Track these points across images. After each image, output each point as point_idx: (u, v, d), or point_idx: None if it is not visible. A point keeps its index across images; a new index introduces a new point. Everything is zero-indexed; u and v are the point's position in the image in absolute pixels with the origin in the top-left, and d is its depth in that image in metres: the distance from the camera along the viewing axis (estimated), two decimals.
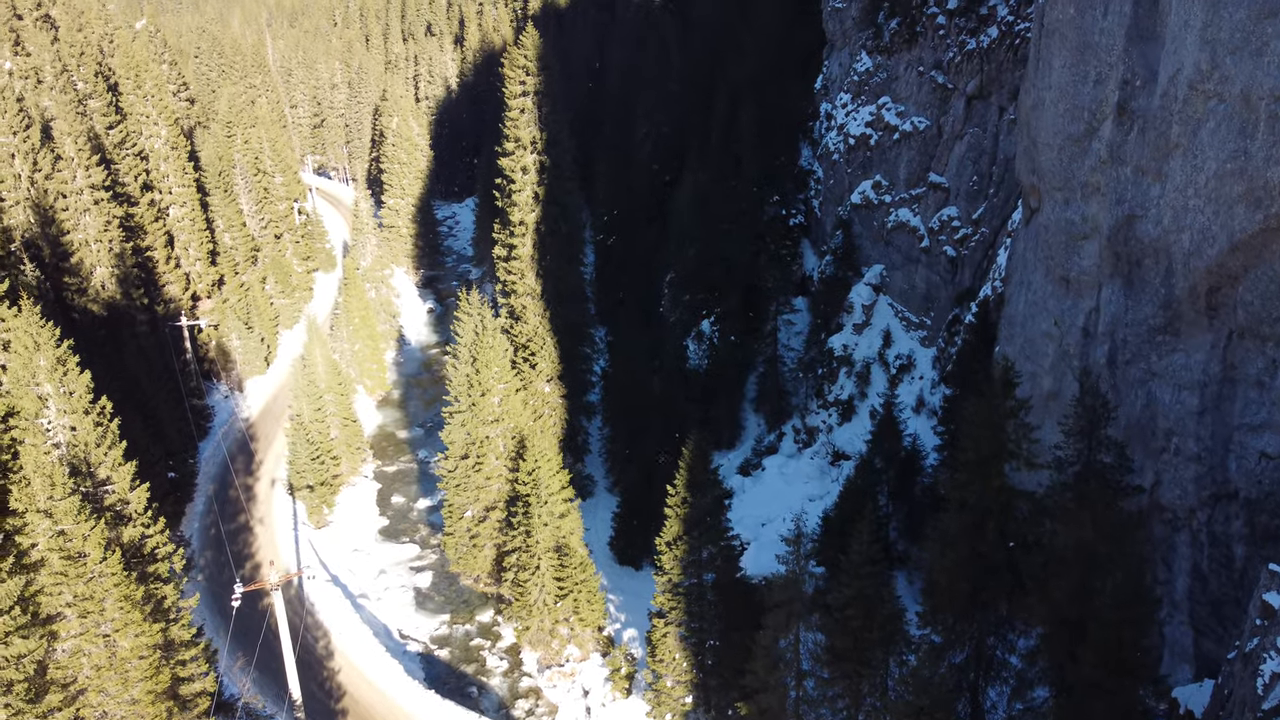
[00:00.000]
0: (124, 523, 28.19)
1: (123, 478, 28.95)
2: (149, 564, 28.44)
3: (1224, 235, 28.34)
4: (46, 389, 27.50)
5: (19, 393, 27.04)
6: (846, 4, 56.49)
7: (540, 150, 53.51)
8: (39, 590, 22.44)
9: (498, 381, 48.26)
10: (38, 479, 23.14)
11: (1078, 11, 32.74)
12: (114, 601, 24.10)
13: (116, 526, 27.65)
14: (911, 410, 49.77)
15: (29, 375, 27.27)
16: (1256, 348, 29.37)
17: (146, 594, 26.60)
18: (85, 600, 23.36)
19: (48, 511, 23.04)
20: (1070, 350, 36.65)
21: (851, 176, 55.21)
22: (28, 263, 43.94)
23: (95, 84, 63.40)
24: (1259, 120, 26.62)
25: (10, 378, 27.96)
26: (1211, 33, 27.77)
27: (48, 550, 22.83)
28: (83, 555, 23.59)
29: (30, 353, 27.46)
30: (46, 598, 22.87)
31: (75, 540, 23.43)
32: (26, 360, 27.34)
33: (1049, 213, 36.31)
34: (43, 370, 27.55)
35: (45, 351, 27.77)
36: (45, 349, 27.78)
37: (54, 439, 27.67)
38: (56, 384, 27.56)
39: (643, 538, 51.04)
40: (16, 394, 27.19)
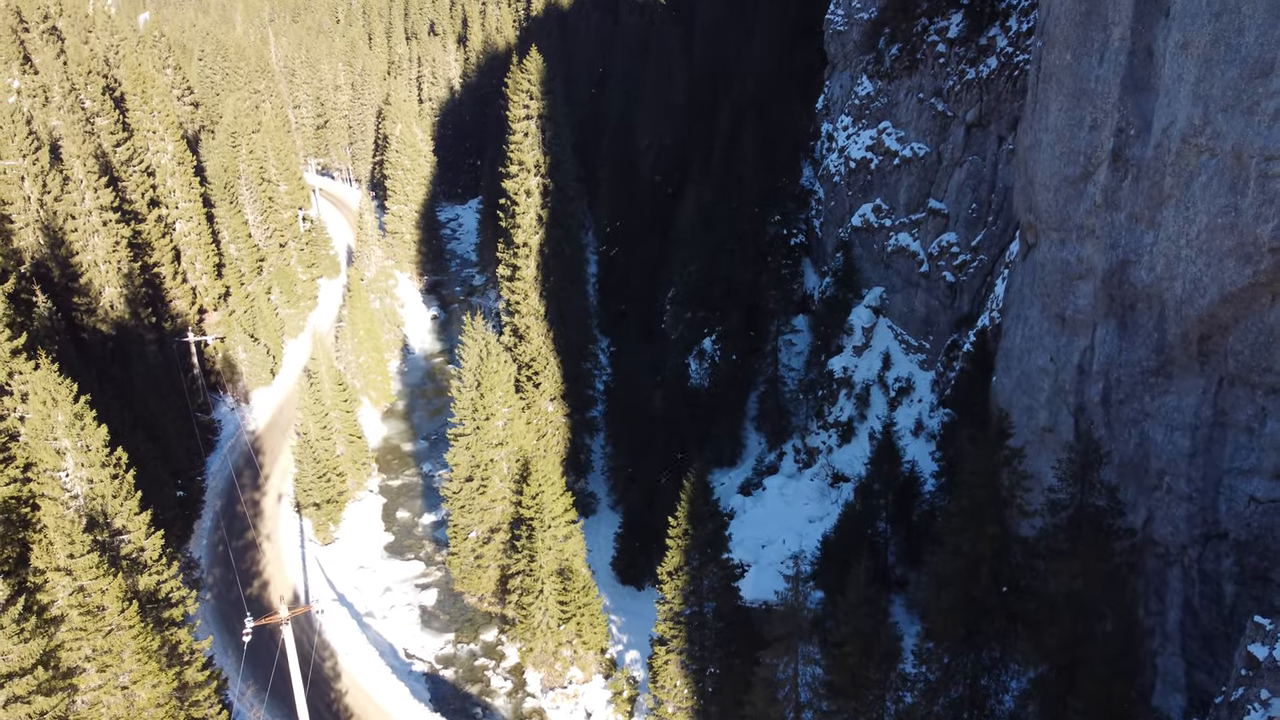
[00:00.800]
0: (140, 570, 28.91)
1: (138, 526, 29.67)
2: (164, 609, 29.18)
3: (1215, 287, 28.87)
4: (65, 443, 28.19)
5: (37, 444, 27.72)
6: (848, 27, 56.89)
7: (544, 173, 54.04)
8: (59, 645, 23.14)
9: (502, 405, 48.90)
10: (58, 537, 23.81)
11: (1074, 58, 33.20)
12: (132, 653, 24.80)
13: (133, 574, 28.36)
14: (910, 433, 50.37)
15: (47, 429, 27.95)
16: (1246, 395, 29.93)
17: (162, 640, 27.30)
18: (104, 654, 24.08)
19: (68, 570, 23.75)
20: (1066, 386, 37.17)
21: (852, 199, 55.72)
22: (39, 294, 44.54)
23: (103, 102, 63.94)
24: (1249, 178, 27.13)
25: (29, 429, 28.65)
26: (1204, 88, 28.25)
27: (68, 606, 23.53)
28: (101, 609, 24.29)
29: (49, 408, 28.15)
30: (66, 652, 23.58)
31: (94, 595, 24.13)
32: (45, 415, 28.01)
33: (1045, 251, 36.83)
34: (61, 425, 28.26)
35: (63, 407, 28.47)
36: (63, 404, 28.47)
37: (72, 491, 28.36)
38: (74, 438, 28.30)
39: (644, 558, 51.81)
40: (34, 445, 27.88)
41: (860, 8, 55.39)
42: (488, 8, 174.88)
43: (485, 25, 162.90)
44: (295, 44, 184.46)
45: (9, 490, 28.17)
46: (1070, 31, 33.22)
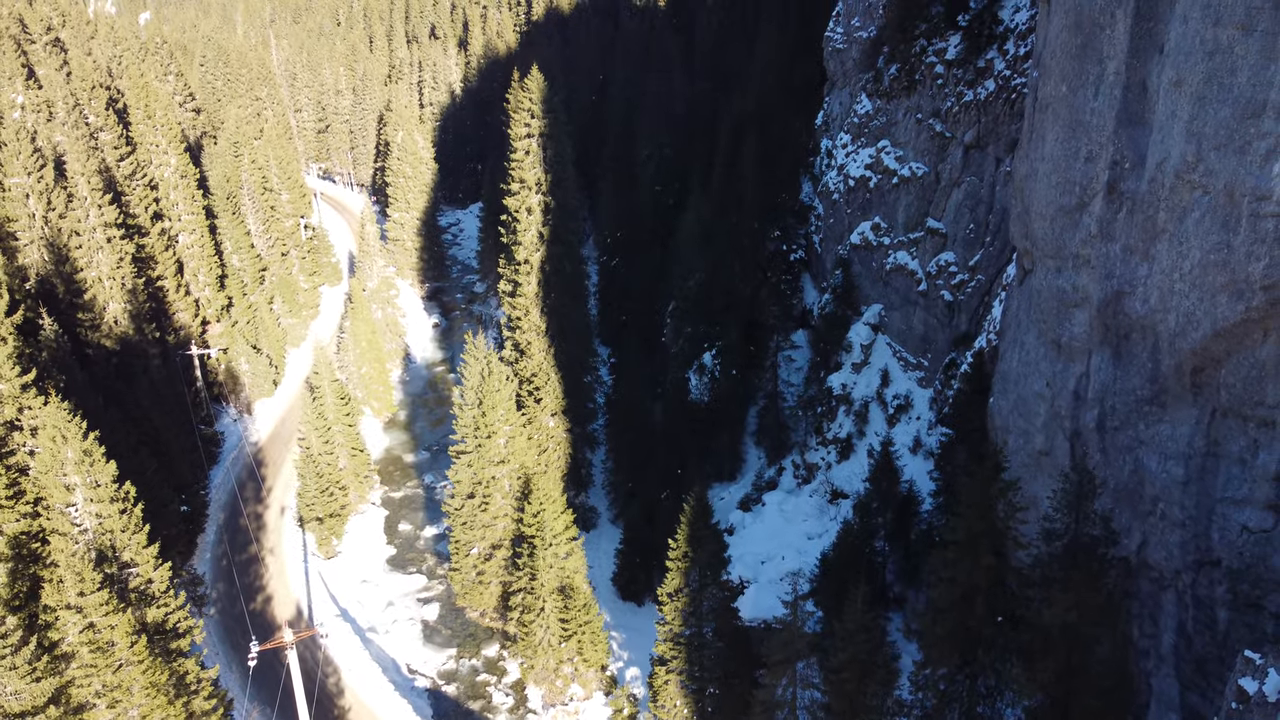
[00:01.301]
0: (148, 602, 29.37)
1: (146, 559, 30.11)
2: (171, 639, 29.64)
3: (1207, 321, 29.25)
4: (74, 479, 28.65)
5: (47, 480, 28.15)
6: (847, 45, 57.24)
7: (545, 191, 54.42)
8: (69, 682, 23.58)
9: (504, 423, 49.31)
10: (69, 575, 24.24)
11: (1070, 90, 33.54)
12: (141, 688, 25.25)
13: (141, 606, 28.82)
14: (909, 451, 50.76)
15: (57, 465, 28.40)
16: (1239, 427, 30.33)
17: (170, 672, 27.77)
18: (114, 690, 24.52)
19: (78, 607, 24.19)
20: (1061, 411, 37.53)
21: (851, 217, 56.09)
22: (45, 317, 44.97)
23: (106, 116, 64.33)
24: (1241, 216, 27.50)
25: (39, 464, 29.09)
26: (1197, 126, 28.61)
27: (78, 644, 23.96)
28: (111, 644, 24.72)
29: (59, 445, 28.61)
30: (77, 689, 24.03)
31: (104, 632, 24.58)
32: (55, 452, 28.48)
33: (1041, 278, 37.19)
34: (70, 462, 28.72)
35: (73, 443, 28.94)
36: (73, 441, 28.95)
37: (81, 525, 28.81)
38: (84, 475, 28.76)
39: (645, 574, 52.30)
40: (44, 481, 28.31)
41: (859, 27, 55.74)
42: (488, 11, 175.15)
43: (486, 29, 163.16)
44: (296, 47, 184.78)
45: (20, 526, 28.65)
46: (1066, 64, 33.54)
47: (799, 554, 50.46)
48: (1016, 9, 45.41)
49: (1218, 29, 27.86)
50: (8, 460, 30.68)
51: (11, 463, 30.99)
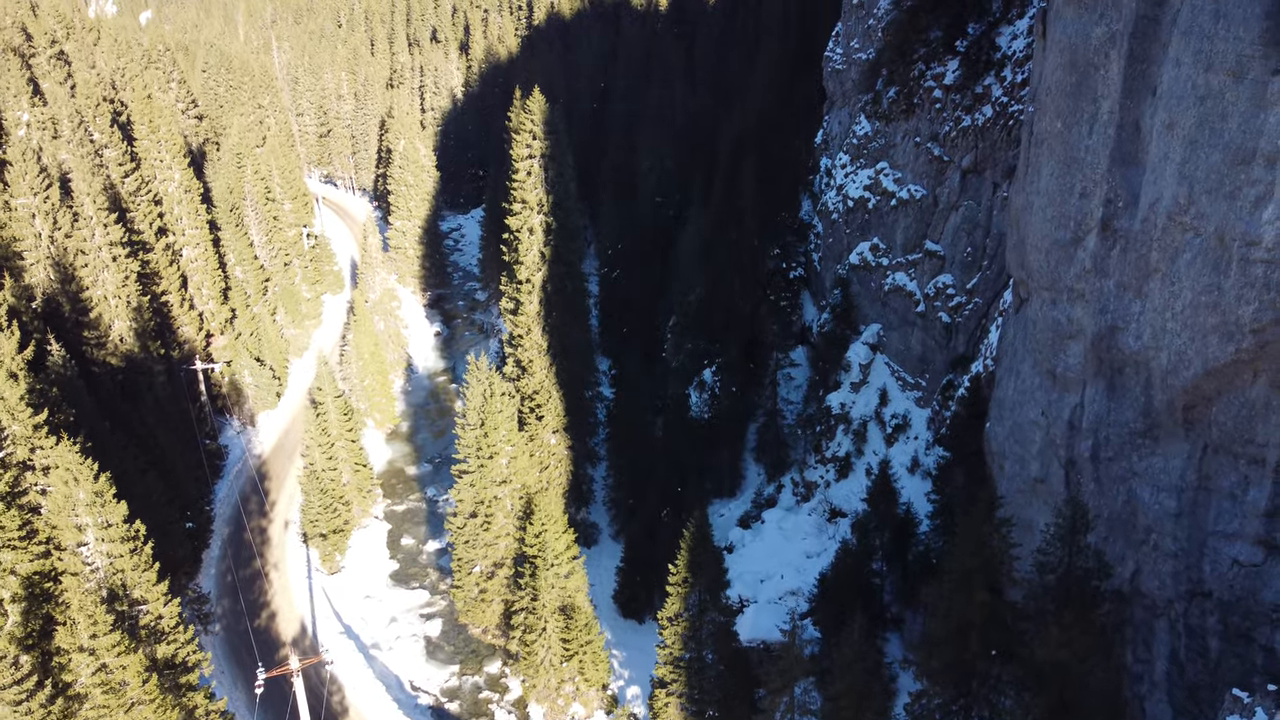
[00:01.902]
0: (158, 639, 29.92)
1: (156, 596, 30.66)
2: (181, 674, 30.21)
3: (1199, 361, 29.75)
4: (86, 520, 29.20)
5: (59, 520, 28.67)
6: (846, 67, 57.69)
7: (546, 211, 54.90)
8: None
9: (505, 443, 49.83)
10: (81, 617, 24.79)
11: (1065, 127, 34.00)
12: None
13: (151, 643, 29.37)
14: (906, 470, 51.29)
15: (69, 507, 28.95)
16: (1230, 463, 30.84)
17: (180, 707, 28.33)
18: None
19: (91, 650, 24.73)
20: (1056, 440, 38.00)
21: (850, 237, 56.56)
22: (54, 343, 45.51)
23: (111, 134, 64.81)
24: (1231, 259, 27.99)
25: (52, 505, 29.63)
26: (1189, 169, 29.09)
27: (91, 685, 24.51)
28: (124, 684, 25.27)
29: (70, 487, 29.17)
30: None
31: (116, 672, 25.11)
32: (67, 494, 29.01)
33: (1037, 308, 37.66)
34: (82, 503, 29.26)
35: (84, 485, 29.50)
36: (84, 482, 29.51)
37: (93, 565, 29.36)
38: (95, 515, 29.31)
39: (645, 592, 52.87)
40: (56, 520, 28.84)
41: (858, 48, 56.18)
42: (489, 15, 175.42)
43: (488, 33, 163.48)
44: (298, 50, 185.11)
45: (33, 566, 29.19)
46: (1061, 101, 34.01)
47: (798, 572, 50.98)
48: (1014, 36, 45.85)
49: (1209, 74, 28.33)
50: (20, 500, 31.22)
51: (24, 502, 31.54)
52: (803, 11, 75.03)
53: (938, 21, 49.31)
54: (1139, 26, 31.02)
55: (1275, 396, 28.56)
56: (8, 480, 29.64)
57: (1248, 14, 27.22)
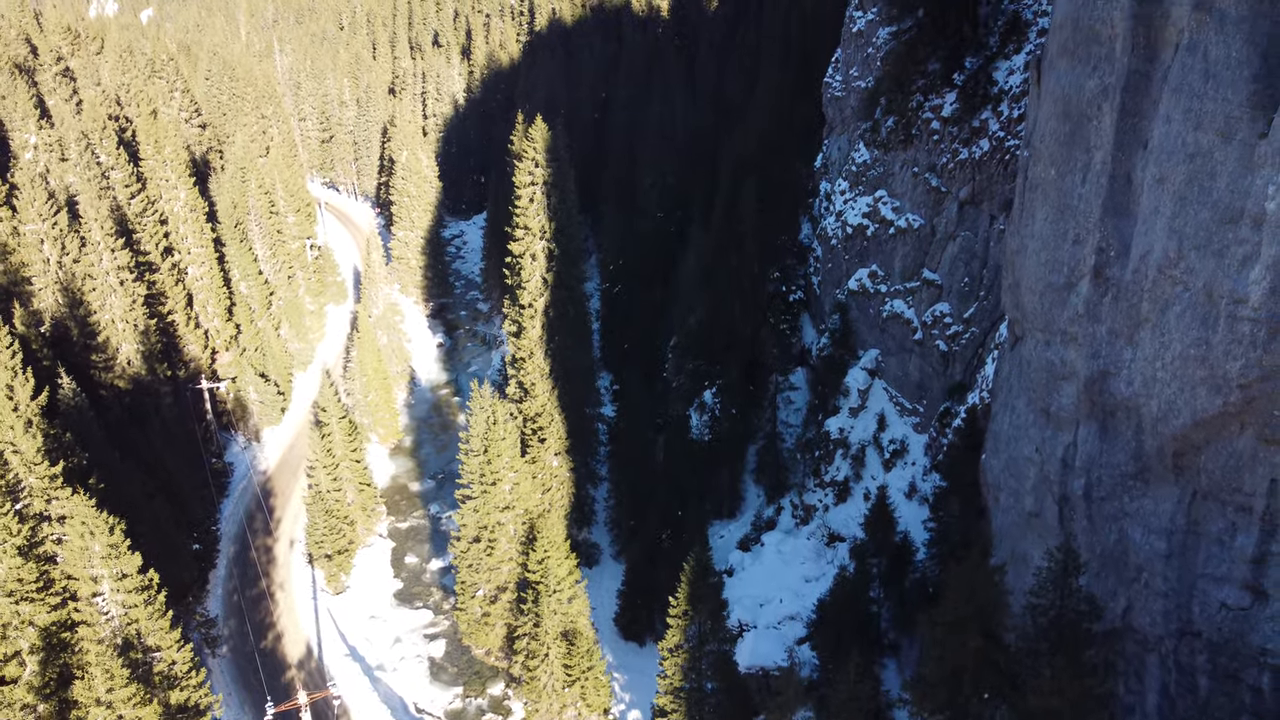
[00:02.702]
0: (172, 685, 30.66)
1: (169, 644, 31.41)
2: (194, 717, 30.95)
3: (1187, 411, 30.37)
4: (101, 572, 29.93)
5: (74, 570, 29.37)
6: (845, 94, 58.23)
7: (548, 238, 55.53)
8: None
9: (508, 470, 50.53)
10: (98, 671, 25.51)
11: (1059, 174, 34.59)
12: None
13: (165, 689, 30.10)
14: (904, 496, 51.93)
15: (85, 559, 29.68)
16: (1218, 509, 31.48)
17: None
18: None
19: (108, 703, 25.47)
20: (1050, 477, 38.60)
21: (849, 263, 57.16)
22: (64, 376, 46.22)
23: (117, 156, 65.44)
24: (1220, 315, 28.59)
25: (67, 556, 30.36)
26: (1178, 224, 29.69)
27: None
28: None
29: (86, 540, 29.90)
30: None
31: None
32: (83, 547, 29.75)
33: (1031, 348, 38.26)
34: (97, 555, 29.99)
35: (100, 538, 30.23)
36: (100, 535, 30.23)
37: (108, 614, 30.10)
38: (110, 567, 30.04)
39: (646, 614, 53.65)
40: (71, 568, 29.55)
41: (857, 76, 56.72)
42: (491, 20, 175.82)
43: (489, 39, 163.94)
44: (300, 54, 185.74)
45: (50, 617, 29.94)
46: (1055, 149, 34.59)
47: (797, 597, 51.68)
48: (1010, 71, 46.39)
49: (1199, 133, 28.93)
50: (37, 550, 31.97)
51: (40, 552, 32.28)
52: (803, 34, 75.58)
53: (935, 54, 49.82)
54: (1131, 81, 31.60)
55: (1262, 448, 29.20)
56: (25, 534, 30.39)
57: (1236, 76, 27.82)
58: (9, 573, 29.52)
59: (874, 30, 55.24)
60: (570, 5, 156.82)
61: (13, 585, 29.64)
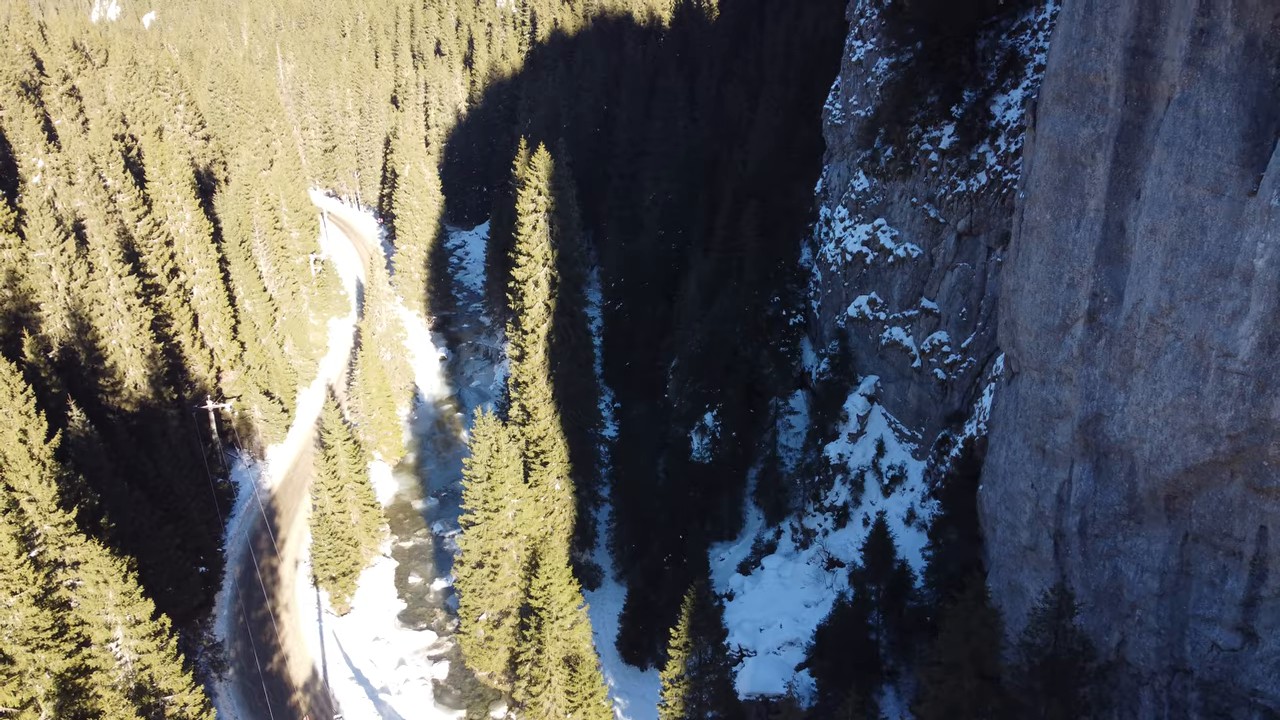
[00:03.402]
0: None
1: (181, 688, 32.03)
2: None
3: (1179, 457, 30.99)
4: (115, 619, 30.54)
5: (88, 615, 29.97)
6: (845, 122, 58.82)
7: (551, 265, 56.14)
8: None
9: (511, 496, 51.11)
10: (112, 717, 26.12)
11: (1054, 219, 35.17)
12: None
13: None
14: (902, 522, 52.54)
15: (100, 607, 30.31)
16: (1209, 552, 32.11)
17: None
18: None
19: None
20: (1046, 512, 39.20)
21: (848, 289, 57.74)
22: (75, 408, 46.87)
23: (124, 179, 66.11)
24: (1210, 367, 29.20)
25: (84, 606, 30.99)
26: (1170, 275, 30.29)
27: None
28: None
29: (101, 588, 30.53)
30: None
31: None
32: (98, 594, 30.37)
33: (1027, 386, 38.82)
34: (111, 603, 30.62)
35: (114, 586, 30.85)
36: (114, 583, 30.86)
37: (121, 660, 30.70)
38: (124, 614, 30.64)
39: (648, 638, 54.27)
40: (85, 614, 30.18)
41: (856, 105, 57.30)
42: (493, 29, 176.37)
43: (491, 49, 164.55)
44: (303, 61, 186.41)
45: (65, 664, 30.57)
46: (1050, 194, 35.17)
47: (796, 622, 52.28)
48: (1008, 106, 46.97)
49: (1189, 187, 29.54)
50: (51, 596, 32.59)
51: (54, 598, 32.89)
52: (804, 57, 76.15)
53: (933, 86, 50.40)
54: (1124, 131, 32.22)
55: (1251, 496, 29.81)
56: (41, 582, 31.05)
57: (1226, 134, 28.43)
58: (25, 620, 30.22)
59: (873, 60, 55.82)
60: (572, 16, 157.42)
61: (29, 633, 30.33)
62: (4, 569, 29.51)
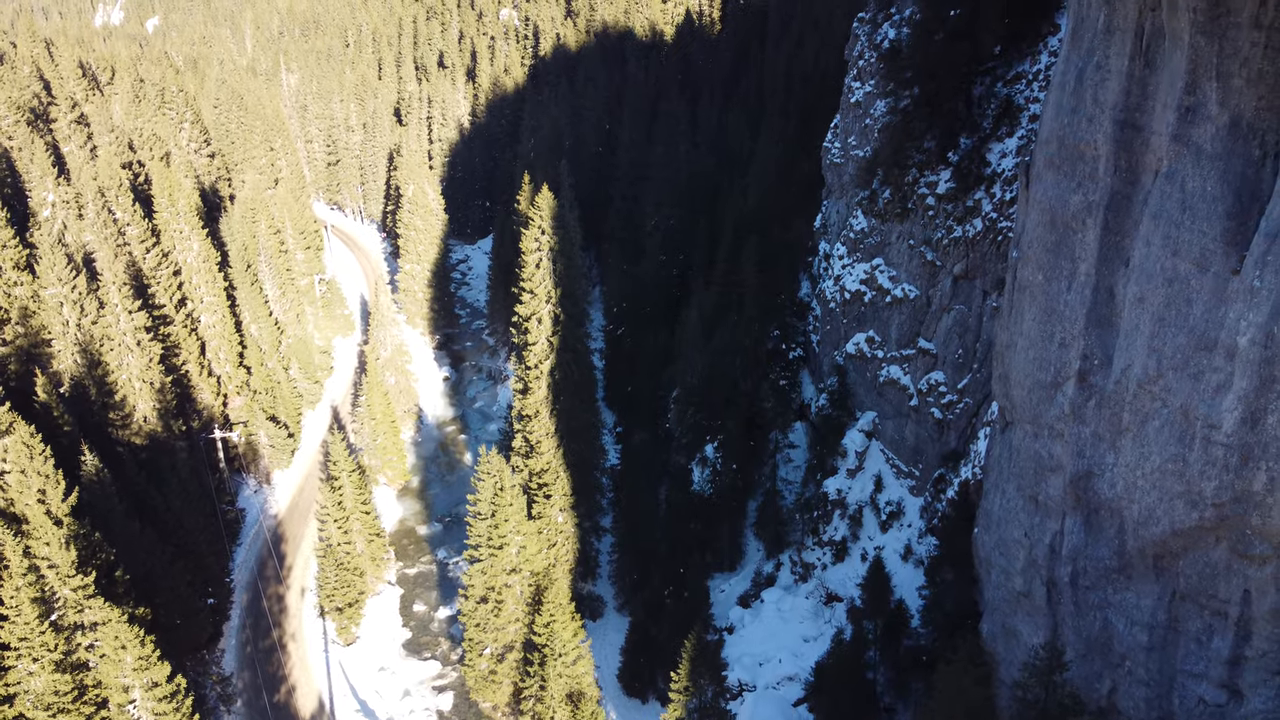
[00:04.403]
0: None
1: None
2: None
3: (1166, 520, 31.82)
4: (133, 682, 31.43)
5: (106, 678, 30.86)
6: (844, 161, 59.67)
7: (554, 303, 57.03)
8: None
9: (515, 534, 51.98)
10: None
11: (1046, 280, 35.97)
12: None
13: None
14: (900, 558, 53.41)
15: (118, 670, 31.21)
16: (1196, 611, 32.93)
17: None
18: None
19: None
20: (1038, 561, 39.98)
21: (847, 327, 58.59)
22: (88, 453, 47.82)
23: (133, 211, 67.04)
24: (1195, 436, 30.00)
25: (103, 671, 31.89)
26: (1157, 344, 31.10)
27: None
28: None
29: (119, 654, 31.41)
30: None
31: None
32: (117, 660, 31.27)
33: (1020, 438, 39.62)
34: (129, 666, 31.49)
35: (132, 650, 31.76)
36: (131, 647, 31.75)
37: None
38: (141, 678, 31.52)
39: (649, 671, 55.14)
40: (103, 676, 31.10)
41: (855, 145, 58.16)
42: (496, 42, 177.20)
43: (494, 62, 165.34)
44: (307, 74, 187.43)
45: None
46: (1042, 256, 35.98)
47: (795, 657, 53.14)
48: (1003, 154, 47.81)
49: (1176, 260, 30.35)
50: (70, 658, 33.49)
51: (74, 660, 33.81)
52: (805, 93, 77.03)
53: (930, 131, 51.25)
54: (1114, 200, 33.01)
55: (1236, 561, 30.63)
56: (61, 648, 31.94)
57: (1211, 211, 29.23)
58: (47, 685, 31.15)
59: (871, 102, 56.67)
60: (574, 30, 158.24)
61: (50, 698, 31.26)
62: (27, 636, 30.47)
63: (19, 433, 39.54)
